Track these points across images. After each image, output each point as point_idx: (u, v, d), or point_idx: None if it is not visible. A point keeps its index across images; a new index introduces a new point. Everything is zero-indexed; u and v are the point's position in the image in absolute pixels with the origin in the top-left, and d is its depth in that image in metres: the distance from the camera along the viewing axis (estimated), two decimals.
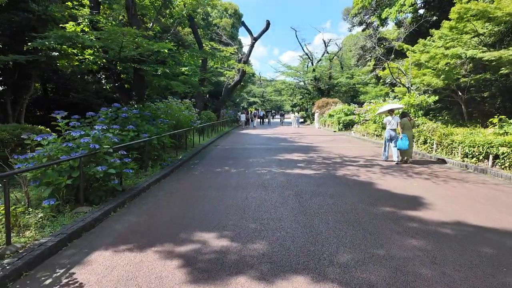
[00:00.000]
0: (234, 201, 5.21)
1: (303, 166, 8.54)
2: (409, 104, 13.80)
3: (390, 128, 9.13)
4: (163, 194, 5.71)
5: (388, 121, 9.24)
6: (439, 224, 4.21)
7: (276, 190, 5.96)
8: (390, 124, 9.13)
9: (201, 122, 15.96)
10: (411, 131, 9.15)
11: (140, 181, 6.28)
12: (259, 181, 6.72)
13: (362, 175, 7.42)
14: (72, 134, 4.72)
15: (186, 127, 11.11)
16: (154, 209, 4.88)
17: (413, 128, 9.43)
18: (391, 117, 9.23)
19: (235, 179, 6.93)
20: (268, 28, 20.87)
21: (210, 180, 6.85)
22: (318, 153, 11.11)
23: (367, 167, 8.42)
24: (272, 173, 7.52)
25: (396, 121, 9.03)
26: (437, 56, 12.87)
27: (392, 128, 9.10)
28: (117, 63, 8.27)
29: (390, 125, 9.13)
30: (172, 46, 7.61)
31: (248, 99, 57.55)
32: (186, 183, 6.61)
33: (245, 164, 8.84)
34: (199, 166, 8.52)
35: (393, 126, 9.08)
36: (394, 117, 9.20)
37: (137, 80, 8.72)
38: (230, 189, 6.01)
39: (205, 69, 16.88)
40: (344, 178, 7.04)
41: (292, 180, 6.77)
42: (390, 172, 7.82)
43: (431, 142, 10.66)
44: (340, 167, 8.42)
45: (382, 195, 5.66)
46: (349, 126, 22.24)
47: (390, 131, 9.13)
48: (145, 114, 7.78)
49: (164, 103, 10.82)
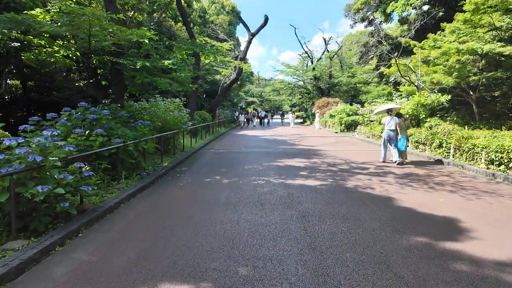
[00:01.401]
0: (221, 228, 4.07)
1: (306, 174, 7.41)
2: (419, 104, 12.72)
3: (388, 129, 8.96)
4: (134, 216, 4.56)
5: (386, 122, 9.07)
6: (497, 265, 3.09)
7: (275, 209, 4.83)
8: (389, 125, 8.96)
9: (193, 123, 14.83)
10: (406, 132, 9.11)
11: (109, 197, 5.14)
12: (255, 195, 5.58)
13: (376, 186, 6.29)
14: (5, 143, 3.56)
15: (174, 129, 9.97)
16: (116, 240, 3.73)
17: (407, 129, 9.32)
18: (390, 117, 9.05)
19: (226, 192, 5.78)
20: (266, 23, 19.74)
21: (196, 194, 5.71)
22: (322, 158, 9.98)
23: (380, 176, 7.30)
24: (270, 185, 6.39)
25: (394, 122, 8.89)
26: (450, 51, 11.79)
27: (390, 128, 8.93)
28: (91, 56, 7.12)
29: (389, 125, 8.96)
30: (152, 35, 6.47)
31: (246, 99, 56.42)
32: (166, 198, 5.46)
33: (240, 172, 7.70)
34: (186, 175, 7.37)
35: (392, 127, 8.91)
36: (393, 118, 9.00)
37: (115, 76, 7.57)
38: (218, 208, 4.87)
39: (198, 66, 15.71)
40: (356, 191, 5.92)
41: (294, 195, 5.64)
42: (408, 182, 6.71)
43: (447, 146, 9.56)
44: (348, 176, 7.30)
45: (407, 216, 4.54)
46: (352, 127, 21.15)
47: (388, 131, 8.95)
48: (121, 115, 6.62)
49: (150, 102, 9.68)
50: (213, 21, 36.45)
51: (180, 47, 7.93)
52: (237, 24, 43.37)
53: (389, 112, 9.26)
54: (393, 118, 8.99)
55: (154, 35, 6.66)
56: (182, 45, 7.72)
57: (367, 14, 24.32)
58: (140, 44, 8.25)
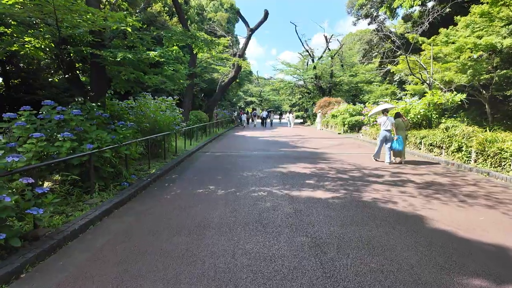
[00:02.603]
0: (211, 264, 3.10)
1: (313, 184, 6.45)
2: (432, 103, 11.78)
3: (384, 129, 8.97)
4: (101, 245, 3.58)
5: (382, 122, 9.07)
6: None
7: (281, 233, 3.86)
8: (385, 125, 8.97)
9: (188, 123, 13.86)
10: (405, 132, 9.12)
11: (76, 217, 4.16)
12: (255, 213, 4.62)
13: (398, 200, 5.34)
14: None
15: (166, 131, 8.99)
16: (69, 286, 2.76)
17: (406, 128, 9.36)
18: (386, 117, 9.06)
19: (220, 209, 4.82)
20: (266, 18, 18.77)
21: (183, 212, 4.73)
22: (329, 163, 9.02)
23: (399, 186, 6.35)
24: (273, 197, 5.43)
25: (390, 122, 8.87)
26: (467, 46, 10.86)
27: (386, 129, 8.94)
28: (66, 46, 6.13)
29: (385, 126, 8.97)
30: (135, 22, 5.50)
31: (245, 99, 55.49)
32: (146, 218, 4.48)
33: (237, 181, 6.74)
34: (176, 185, 6.40)
35: (388, 127, 8.91)
36: (389, 118, 9.01)
37: (95, 70, 6.59)
38: (210, 232, 3.90)
39: (194, 63, 14.75)
40: (375, 207, 4.96)
41: (302, 212, 4.68)
42: (433, 194, 5.75)
43: (468, 150, 8.61)
44: (363, 186, 6.34)
45: (448, 244, 3.58)
46: (355, 128, 20.22)
47: (385, 131, 8.95)
48: (98, 115, 5.63)
49: (137, 101, 8.69)
50: (211, 18, 35.47)
51: (170, 38, 6.96)
52: (236, 22, 42.38)
53: (384, 113, 9.20)
54: (388, 118, 8.96)
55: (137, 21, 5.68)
56: (172, 35, 6.74)
57: (371, 10, 23.39)
58: (125, 35, 7.28)
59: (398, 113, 9.25)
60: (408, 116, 12.06)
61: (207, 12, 36.81)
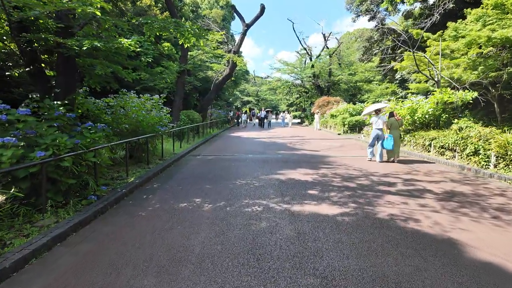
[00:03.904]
0: None
1: (317, 195, 5.54)
2: (441, 102, 10.93)
3: (376, 128, 9.05)
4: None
5: (374, 121, 9.17)
6: None
7: (280, 272, 2.93)
8: (376, 124, 9.05)
9: (179, 124, 12.90)
10: (398, 131, 9.15)
11: (12, 248, 3.20)
12: (247, 238, 3.68)
13: (420, 216, 4.44)
14: None
15: (150, 133, 8.04)
16: None
17: (400, 127, 9.41)
18: (377, 117, 9.13)
19: (204, 232, 3.88)
20: (262, 13, 17.84)
21: (158, 236, 3.79)
22: (332, 168, 8.12)
23: (416, 197, 5.45)
24: (270, 214, 4.50)
25: (382, 121, 8.94)
26: (480, 40, 10.01)
27: (378, 127, 9.00)
28: (24, 34, 5.15)
29: (376, 124, 9.05)
30: (102, 2, 4.54)
31: (242, 98, 54.58)
32: (108, 246, 3.53)
33: (229, 191, 5.80)
34: (156, 197, 5.45)
35: (379, 126, 8.98)
36: (381, 117, 9.08)
37: (62, 63, 5.62)
38: (186, 271, 2.96)
39: (185, 59, 13.76)
40: (395, 227, 4.05)
41: (307, 235, 3.76)
42: (459, 208, 4.86)
43: (486, 154, 7.76)
44: (374, 197, 5.44)
45: (505, 286, 2.68)
46: (356, 128, 19.37)
47: (376, 130, 9.03)
48: (58, 115, 4.66)
49: (116, 99, 7.72)
50: (206, 15, 34.44)
51: (152, 26, 5.97)
52: (232, 19, 41.43)
53: (376, 112, 9.27)
54: (380, 118, 9.03)
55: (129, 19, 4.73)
56: (152, 21, 5.76)
57: (371, 6, 22.56)
58: (99, 23, 6.31)
59: (392, 112, 9.30)
60: (416, 116, 11.21)
61: (202, 10, 35.79)
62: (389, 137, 8.65)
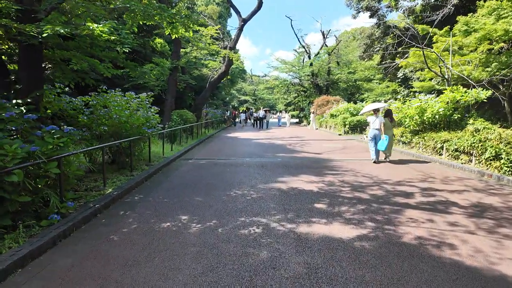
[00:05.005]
0: None
1: (326, 210, 4.71)
2: (452, 101, 10.16)
3: (373, 128, 8.95)
4: None
5: (372, 121, 9.10)
6: None
7: None
8: (374, 124, 8.96)
9: (170, 124, 12.02)
10: (391, 131, 9.16)
11: None
12: (244, 279, 2.84)
13: (454, 240, 3.63)
14: None
15: (136, 135, 7.17)
16: None
17: (393, 128, 9.40)
18: (375, 116, 9.02)
19: (187, 269, 3.03)
20: (260, 7, 16.98)
21: (127, 275, 2.93)
22: (338, 175, 7.31)
23: (441, 212, 4.65)
24: (271, 239, 3.66)
25: (380, 121, 8.83)
26: (496, 34, 9.26)
27: (375, 128, 8.88)
28: None
29: (374, 124, 8.96)
30: None
31: (238, 98, 53.73)
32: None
33: (222, 205, 4.96)
34: (135, 213, 4.58)
35: (377, 126, 8.85)
36: (379, 117, 8.96)
37: (25, 55, 4.75)
38: None
39: (178, 54, 12.87)
40: (428, 256, 3.23)
41: (319, 271, 2.92)
42: (493, 226, 4.08)
43: (510, 159, 6.97)
44: (393, 212, 4.63)
45: None
46: (357, 129, 18.61)
47: (374, 130, 8.92)
48: (9, 116, 3.79)
49: (94, 97, 6.82)
50: (202, 11, 33.46)
51: (134, 12, 5.09)
52: (229, 17, 40.48)
53: (374, 112, 9.16)
54: (378, 118, 8.94)
55: None
56: (134, 7, 4.89)
57: (372, 2, 21.78)
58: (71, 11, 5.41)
59: (387, 111, 9.28)
60: (425, 116, 10.43)
61: (198, 6, 34.79)
62: (385, 138, 8.57)
